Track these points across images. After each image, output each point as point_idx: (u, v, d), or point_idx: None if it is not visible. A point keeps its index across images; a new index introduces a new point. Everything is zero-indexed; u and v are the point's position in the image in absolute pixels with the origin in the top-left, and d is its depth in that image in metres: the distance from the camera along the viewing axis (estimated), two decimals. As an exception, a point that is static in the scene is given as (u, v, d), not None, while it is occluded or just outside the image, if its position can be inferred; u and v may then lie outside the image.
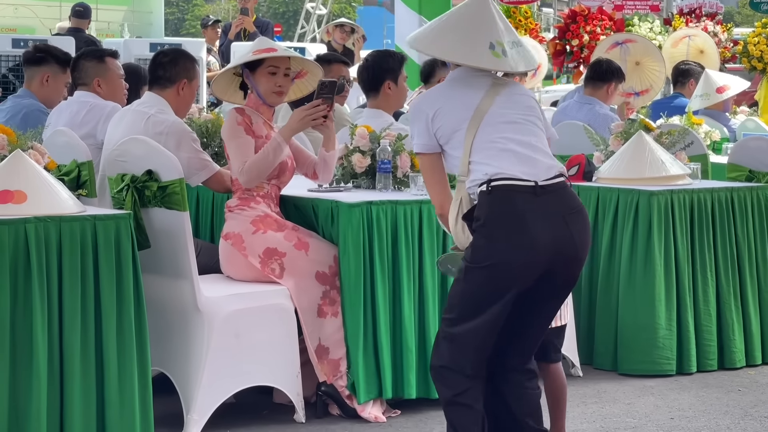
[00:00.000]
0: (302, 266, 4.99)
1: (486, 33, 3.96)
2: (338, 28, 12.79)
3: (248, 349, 4.83)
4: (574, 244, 3.83)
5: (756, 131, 8.78)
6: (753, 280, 6.06)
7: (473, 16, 3.99)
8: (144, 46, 10.51)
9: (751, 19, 32.17)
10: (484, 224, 3.79)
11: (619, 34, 11.05)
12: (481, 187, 3.82)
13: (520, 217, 3.76)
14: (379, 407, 5.04)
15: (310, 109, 5.09)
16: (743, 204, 6.05)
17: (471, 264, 3.82)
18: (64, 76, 6.37)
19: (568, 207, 3.84)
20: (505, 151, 3.84)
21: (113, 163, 4.94)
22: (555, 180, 3.85)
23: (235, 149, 5.06)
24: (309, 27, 22.07)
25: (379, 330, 5.00)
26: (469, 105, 3.90)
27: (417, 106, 4.02)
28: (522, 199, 3.78)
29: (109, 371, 4.26)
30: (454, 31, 3.97)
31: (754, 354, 6.04)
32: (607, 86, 7.79)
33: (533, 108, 3.99)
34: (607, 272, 5.93)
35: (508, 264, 3.77)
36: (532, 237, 3.75)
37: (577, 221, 3.84)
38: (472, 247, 3.82)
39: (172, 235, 4.72)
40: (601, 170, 6.17)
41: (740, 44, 13.14)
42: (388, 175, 5.37)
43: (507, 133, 3.87)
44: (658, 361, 5.78)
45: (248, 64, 5.14)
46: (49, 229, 4.16)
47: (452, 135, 3.91)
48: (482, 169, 3.83)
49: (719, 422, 5.10)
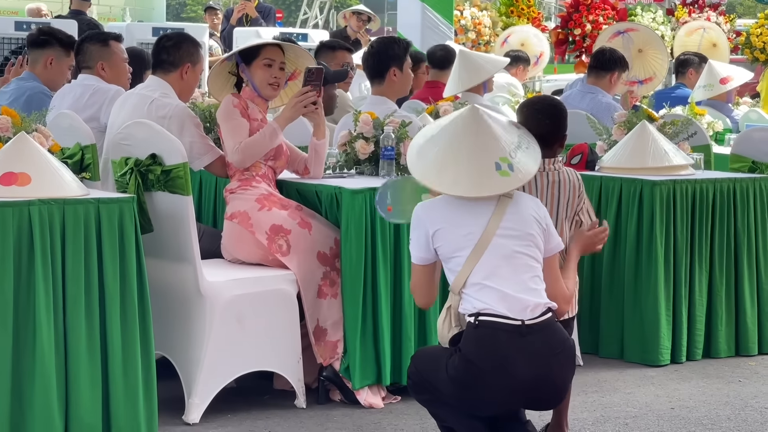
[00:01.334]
0: (305, 245, 5.01)
1: (489, 155, 3.94)
2: (355, 15, 12.68)
3: (250, 334, 4.83)
4: (554, 386, 3.92)
5: (759, 122, 8.78)
6: (751, 271, 6.07)
7: (474, 140, 3.96)
8: (146, 30, 10.50)
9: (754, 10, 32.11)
10: (468, 359, 3.85)
11: (621, 23, 11.05)
12: (470, 318, 3.89)
13: (504, 358, 3.83)
14: (378, 393, 5.04)
15: (300, 96, 5.12)
16: (745, 195, 6.05)
17: (450, 377, 3.88)
18: (67, 59, 6.37)
19: (554, 347, 3.90)
20: (497, 291, 3.88)
21: (117, 146, 4.94)
22: (541, 318, 3.90)
23: (230, 130, 5.08)
24: (311, 13, 22.04)
25: (380, 316, 5.01)
26: (472, 234, 3.91)
27: (419, 216, 4.00)
28: (508, 339, 3.84)
29: (113, 354, 4.26)
30: (457, 162, 3.92)
31: (748, 345, 6.04)
32: (610, 75, 7.78)
33: (535, 230, 3.97)
34: (611, 262, 5.93)
35: (481, 400, 3.87)
36: (513, 379, 3.83)
37: (560, 361, 3.91)
38: (455, 368, 3.87)
39: (176, 220, 4.72)
40: (604, 159, 6.17)
41: (743, 35, 13.13)
42: (391, 162, 5.37)
43: (502, 271, 3.89)
44: (658, 351, 5.80)
45: (244, 58, 5.15)
46: (53, 212, 4.17)
47: (451, 258, 3.94)
48: (473, 302, 3.90)
49: (719, 412, 5.11)
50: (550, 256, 4.04)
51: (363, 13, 12.63)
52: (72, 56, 6.30)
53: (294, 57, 5.35)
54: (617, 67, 7.79)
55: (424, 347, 4.09)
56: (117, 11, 16.44)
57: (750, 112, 9.47)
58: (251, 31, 11.40)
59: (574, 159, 6.17)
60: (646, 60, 9.46)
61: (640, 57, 9.46)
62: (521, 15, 13.42)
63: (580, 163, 6.16)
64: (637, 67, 9.40)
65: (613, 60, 7.80)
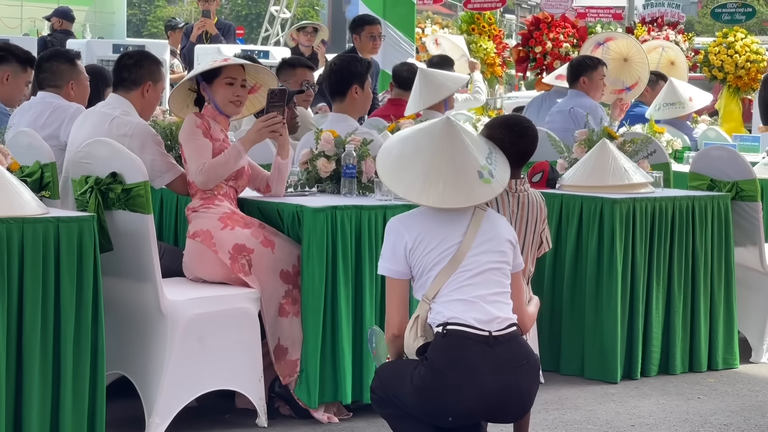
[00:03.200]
0: (268, 264, 5.00)
1: (471, 165, 3.98)
2: (301, 31, 12.72)
3: (211, 352, 4.81)
4: (520, 396, 3.93)
5: (717, 140, 8.87)
6: (706, 289, 6.12)
7: (454, 151, 3.98)
8: (107, 47, 10.47)
9: (712, 28, 32.45)
10: (435, 368, 3.86)
11: (599, 34, 11.14)
12: (438, 328, 3.90)
13: (472, 367, 3.85)
14: (333, 410, 5.05)
15: (266, 121, 5.14)
16: (704, 213, 6.10)
17: (415, 387, 3.87)
18: (25, 75, 6.29)
19: (519, 359, 3.92)
20: (466, 302, 3.91)
21: (77, 164, 4.91)
22: (508, 330, 3.93)
23: (193, 150, 5.06)
24: (273, 30, 22.02)
25: (341, 334, 5.00)
26: (447, 250, 3.94)
27: (396, 229, 4.01)
28: (475, 348, 3.86)
29: (65, 374, 4.23)
30: (441, 174, 3.94)
31: (700, 361, 6.09)
32: (581, 81, 8.07)
33: (507, 247, 4.01)
34: (572, 279, 5.96)
35: (446, 409, 3.86)
36: (480, 388, 3.84)
37: (525, 372, 3.93)
38: (421, 378, 3.87)
39: (136, 238, 4.69)
40: (565, 177, 6.20)
41: (701, 53, 13.25)
42: (353, 180, 5.38)
43: (473, 285, 3.92)
44: (615, 368, 5.82)
45: (205, 77, 5.15)
46: (12, 231, 4.13)
47: (426, 272, 3.95)
48: (442, 311, 3.91)
49: (679, 429, 5.14)
50: (514, 272, 4.07)
51: (306, 27, 12.66)
52: (29, 72, 6.25)
53: (254, 72, 5.35)
54: (583, 72, 8.06)
55: (388, 362, 4.08)
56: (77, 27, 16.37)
57: (708, 130, 9.56)
58: (212, 48, 11.38)
59: (535, 177, 6.20)
60: (631, 67, 9.53)
61: (627, 65, 9.53)
62: (482, 32, 13.47)
63: (541, 181, 6.19)
64: (625, 75, 9.49)
65: (574, 67, 8.16)
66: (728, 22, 14.54)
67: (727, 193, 6.27)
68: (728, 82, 12.94)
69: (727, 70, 12.89)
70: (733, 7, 14.79)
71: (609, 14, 18.45)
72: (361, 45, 9.17)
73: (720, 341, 6.17)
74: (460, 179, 3.95)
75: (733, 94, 13.01)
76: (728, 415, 5.36)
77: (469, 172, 3.96)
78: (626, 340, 5.89)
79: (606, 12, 18.26)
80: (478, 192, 3.95)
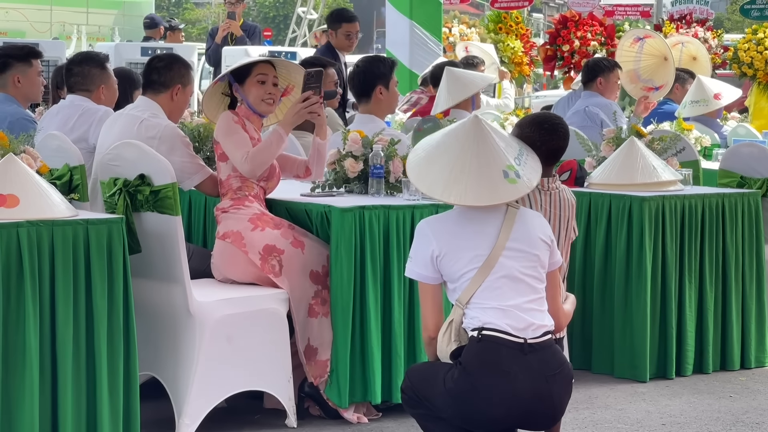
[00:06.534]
0: (298, 265, 5.01)
1: (497, 163, 3.96)
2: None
3: (240, 353, 4.82)
4: (552, 404, 3.91)
5: (747, 137, 8.81)
6: (738, 286, 6.09)
7: (479, 149, 3.97)
8: (135, 49, 10.52)
9: (741, 25, 32.26)
10: (468, 371, 3.85)
11: (639, 30, 11.13)
12: (473, 333, 3.89)
13: (505, 374, 3.83)
14: (363, 410, 5.05)
15: (304, 101, 5.13)
16: (734, 210, 6.07)
17: (448, 390, 3.86)
18: (33, 68, 6.28)
19: (553, 367, 3.91)
20: (501, 310, 3.90)
21: (105, 167, 4.94)
22: (542, 339, 3.92)
23: (235, 143, 5.07)
24: (300, 31, 22.08)
25: (370, 334, 5.00)
26: (479, 256, 3.92)
27: (425, 233, 3.99)
28: (509, 355, 3.85)
29: (100, 376, 4.25)
30: (465, 172, 3.92)
31: (733, 360, 6.06)
32: (597, 82, 8.13)
33: (541, 250, 3.99)
34: (602, 277, 5.94)
35: (478, 414, 3.86)
36: (513, 395, 3.83)
37: (558, 381, 3.91)
38: (454, 381, 3.86)
39: (165, 240, 4.71)
40: (593, 176, 6.18)
41: (730, 50, 13.17)
42: (380, 180, 5.38)
43: (507, 291, 3.91)
44: (647, 367, 5.80)
45: (237, 78, 5.16)
46: (42, 234, 4.16)
47: (458, 279, 3.95)
48: (478, 316, 3.90)
49: (710, 428, 5.11)
50: (551, 270, 4.06)
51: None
52: (36, 63, 6.24)
53: (286, 73, 5.35)
54: (599, 73, 8.13)
55: (419, 363, 4.07)
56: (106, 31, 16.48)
57: (738, 127, 9.49)
58: (240, 50, 11.42)
59: (563, 175, 6.18)
60: (667, 67, 9.49)
61: (664, 65, 9.49)
62: (510, 32, 13.45)
63: (569, 180, 6.17)
64: (659, 74, 9.45)
65: (589, 68, 8.24)
66: (758, 19, 14.43)
67: (757, 190, 6.24)
68: (758, 78, 12.84)
69: (756, 66, 12.79)
70: (763, 3, 14.68)
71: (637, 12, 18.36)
72: (337, 42, 8.88)
73: (752, 339, 6.13)
74: (483, 178, 3.93)
75: (763, 90, 12.91)
76: (760, 414, 5.32)
77: (493, 171, 3.94)
78: (659, 339, 5.86)
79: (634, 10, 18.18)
80: (502, 191, 3.92)
